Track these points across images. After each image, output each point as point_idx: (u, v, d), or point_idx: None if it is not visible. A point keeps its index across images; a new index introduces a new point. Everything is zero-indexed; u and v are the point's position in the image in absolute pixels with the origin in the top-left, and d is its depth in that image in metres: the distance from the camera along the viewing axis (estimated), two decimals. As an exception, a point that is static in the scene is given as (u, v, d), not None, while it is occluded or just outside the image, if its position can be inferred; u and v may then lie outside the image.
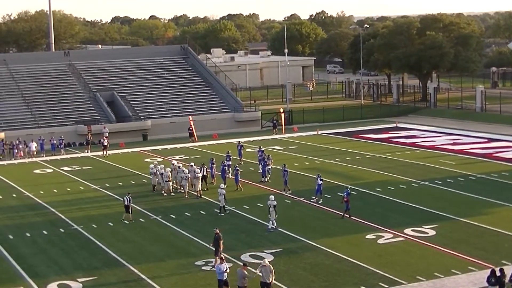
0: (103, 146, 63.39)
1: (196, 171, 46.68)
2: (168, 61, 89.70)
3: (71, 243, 37.59)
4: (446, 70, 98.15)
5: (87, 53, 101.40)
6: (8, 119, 73.16)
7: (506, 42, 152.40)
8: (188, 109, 78.28)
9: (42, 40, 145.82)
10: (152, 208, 43.86)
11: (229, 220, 40.42)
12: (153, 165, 49.70)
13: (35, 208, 45.53)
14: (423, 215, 40.14)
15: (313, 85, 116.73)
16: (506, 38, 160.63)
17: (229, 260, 33.19)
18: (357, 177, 50.75)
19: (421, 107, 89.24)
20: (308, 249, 34.83)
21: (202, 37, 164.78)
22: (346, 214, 39.87)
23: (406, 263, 32.26)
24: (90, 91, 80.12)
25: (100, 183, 51.86)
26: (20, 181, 53.74)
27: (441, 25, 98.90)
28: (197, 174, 46.32)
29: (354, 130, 74.03)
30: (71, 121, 73.54)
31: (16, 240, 38.26)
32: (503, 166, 53.29)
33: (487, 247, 34.09)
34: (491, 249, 33.78)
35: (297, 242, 36.02)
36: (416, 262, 32.30)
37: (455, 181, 48.62)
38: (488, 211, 40.58)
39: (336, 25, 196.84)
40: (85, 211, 44.08)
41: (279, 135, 72.12)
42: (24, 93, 78.19)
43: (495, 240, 35.36)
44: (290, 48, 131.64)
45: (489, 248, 33.98)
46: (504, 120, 76.28)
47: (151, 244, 36.65)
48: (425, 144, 64.08)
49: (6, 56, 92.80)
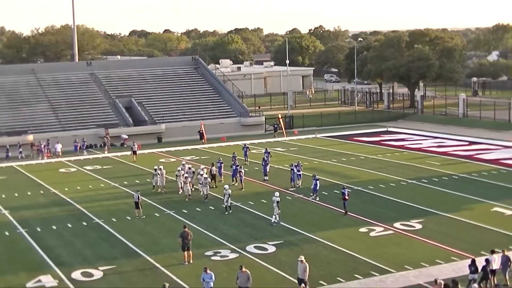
0: (133, 151, 61.66)
1: (205, 177, 44.96)
2: (180, 70, 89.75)
3: (93, 235, 37.71)
4: (432, 79, 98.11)
5: (107, 63, 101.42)
6: (36, 123, 73.28)
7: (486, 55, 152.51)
8: (198, 114, 78.33)
9: (67, 51, 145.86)
10: (166, 204, 43.94)
11: (235, 215, 40.49)
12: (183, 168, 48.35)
13: (61, 204, 45.65)
14: (410, 211, 40.19)
15: (312, 92, 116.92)
16: (485, 51, 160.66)
17: (236, 251, 33.39)
18: (351, 176, 50.79)
19: (410, 113, 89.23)
20: (307, 241, 34.91)
21: (211, 49, 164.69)
22: (345, 212, 39.85)
23: (395, 253, 32.31)
24: (110, 98, 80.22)
25: (119, 181, 51.93)
26: (47, 179, 53.88)
27: (428, 39, 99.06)
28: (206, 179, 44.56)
29: (349, 133, 74.04)
30: (93, 125, 73.59)
31: (44, 233, 38.40)
32: (483, 166, 53.29)
33: (468, 239, 34.14)
34: (472, 241, 33.83)
35: (297, 235, 36.08)
36: (404, 253, 32.36)
37: (440, 180, 48.65)
38: (469, 207, 40.61)
39: (333, 39, 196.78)
40: (106, 206, 44.20)
41: (281, 137, 72.17)
42: (50, 99, 78.30)
43: (475, 233, 35.41)
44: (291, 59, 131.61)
45: (469, 240, 34.03)
46: (484, 125, 76.23)
47: (165, 236, 36.73)
48: (413, 147, 64.07)
49: (34, 66, 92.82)
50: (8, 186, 51.90)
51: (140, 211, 40.82)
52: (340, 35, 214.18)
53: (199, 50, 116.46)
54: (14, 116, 74.22)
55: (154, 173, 48.14)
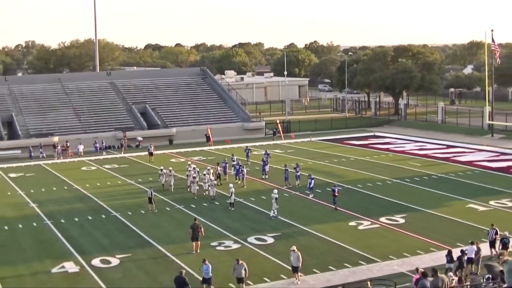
0: (150, 153, 60.94)
1: (211, 178, 44.37)
2: (190, 80, 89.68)
3: (111, 227, 37.68)
4: (414, 90, 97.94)
5: (125, 74, 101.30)
6: (61, 126, 73.26)
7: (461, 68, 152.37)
8: (205, 119, 78.26)
9: (89, 62, 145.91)
10: (176, 199, 43.89)
11: (238, 210, 40.44)
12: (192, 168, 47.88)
13: (82, 198, 45.65)
14: (395, 207, 40.13)
15: (307, 100, 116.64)
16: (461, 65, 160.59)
17: (238, 242, 33.33)
18: (342, 176, 50.71)
19: (394, 120, 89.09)
20: (302, 233, 34.85)
21: (217, 61, 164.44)
22: (335, 207, 39.81)
23: (381, 245, 32.26)
24: (127, 104, 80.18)
25: (134, 179, 51.88)
26: (70, 177, 53.83)
27: (410, 53, 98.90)
28: (212, 182, 43.82)
29: (340, 137, 73.89)
30: (111, 128, 73.56)
31: (67, 224, 38.38)
32: (459, 167, 53.21)
33: (445, 233, 34.08)
34: (449, 234, 33.77)
35: (293, 228, 36.03)
36: (389, 244, 32.31)
37: (421, 179, 48.58)
38: (447, 204, 40.55)
39: (326, 53, 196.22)
40: (122, 201, 44.16)
41: (279, 140, 72.10)
42: (74, 105, 78.28)
43: (452, 227, 35.37)
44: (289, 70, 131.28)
45: (446, 233, 33.98)
46: (460, 131, 76.12)
47: (175, 228, 36.69)
48: (397, 149, 63.97)
49: (60, 76, 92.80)
50: (36, 183, 51.89)
51: (153, 206, 40.77)
52: (332, 50, 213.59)
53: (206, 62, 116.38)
54: (42, 120, 74.29)
55: (160, 173, 47.92)
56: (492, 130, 72.55)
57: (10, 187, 50.45)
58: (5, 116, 73.80)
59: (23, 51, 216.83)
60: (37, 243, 34.69)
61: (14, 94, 79.27)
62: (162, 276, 28.84)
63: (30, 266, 30.76)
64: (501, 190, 43.97)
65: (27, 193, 47.66)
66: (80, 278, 29.04)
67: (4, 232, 36.96)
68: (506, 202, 40.46)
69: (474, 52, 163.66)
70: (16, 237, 35.94)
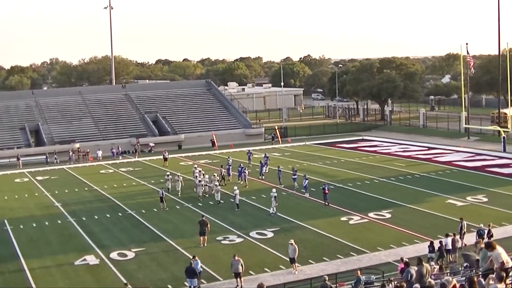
0: (164, 158, 59.95)
1: (216, 183, 43.35)
2: (196, 91, 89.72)
3: (127, 223, 37.69)
4: (398, 97, 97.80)
5: (138, 86, 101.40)
6: (82, 133, 73.32)
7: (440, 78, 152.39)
8: (211, 126, 78.25)
9: (106, 77, 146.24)
10: (185, 199, 43.88)
11: (241, 207, 40.38)
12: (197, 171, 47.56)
13: (101, 198, 45.67)
14: (382, 203, 40.12)
15: (302, 108, 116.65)
16: (440, 75, 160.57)
17: (241, 237, 33.33)
18: (334, 176, 50.71)
19: (380, 125, 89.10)
20: (298, 228, 34.85)
21: (221, 74, 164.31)
22: (326, 203, 39.90)
23: (370, 238, 32.25)
24: (140, 113, 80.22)
25: (147, 180, 51.88)
26: (90, 179, 53.89)
27: (394, 65, 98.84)
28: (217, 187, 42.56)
29: (332, 141, 73.89)
30: (126, 135, 73.60)
31: (88, 221, 38.41)
32: (439, 167, 53.20)
33: (427, 226, 34.09)
34: (430, 227, 33.77)
35: (290, 223, 36.03)
36: (377, 237, 32.30)
37: (405, 178, 48.58)
38: (428, 200, 40.56)
39: (319, 65, 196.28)
40: (137, 200, 44.18)
41: (277, 145, 72.11)
42: (93, 115, 78.35)
43: (433, 220, 35.35)
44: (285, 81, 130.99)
45: (428, 226, 33.98)
46: (439, 134, 76.10)
47: (184, 224, 36.70)
48: (383, 151, 63.96)
49: (80, 89, 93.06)
50: (60, 184, 51.93)
51: (164, 205, 40.78)
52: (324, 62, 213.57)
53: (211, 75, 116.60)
54: (65, 128, 74.35)
55: (167, 178, 47.28)
56: (468, 133, 72.52)
57: (38, 188, 50.50)
58: (32, 126, 74.06)
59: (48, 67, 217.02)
60: (62, 238, 34.71)
61: (40, 105, 79.41)
62: (173, 267, 28.85)
63: (56, 259, 30.79)
64: (477, 187, 43.97)
65: (52, 194, 47.70)
66: (100, 269, 29.06)
67: (32, 229, 37.02)
68: (481, 198, 40.48)
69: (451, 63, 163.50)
70: (43, 233, 35.99)
